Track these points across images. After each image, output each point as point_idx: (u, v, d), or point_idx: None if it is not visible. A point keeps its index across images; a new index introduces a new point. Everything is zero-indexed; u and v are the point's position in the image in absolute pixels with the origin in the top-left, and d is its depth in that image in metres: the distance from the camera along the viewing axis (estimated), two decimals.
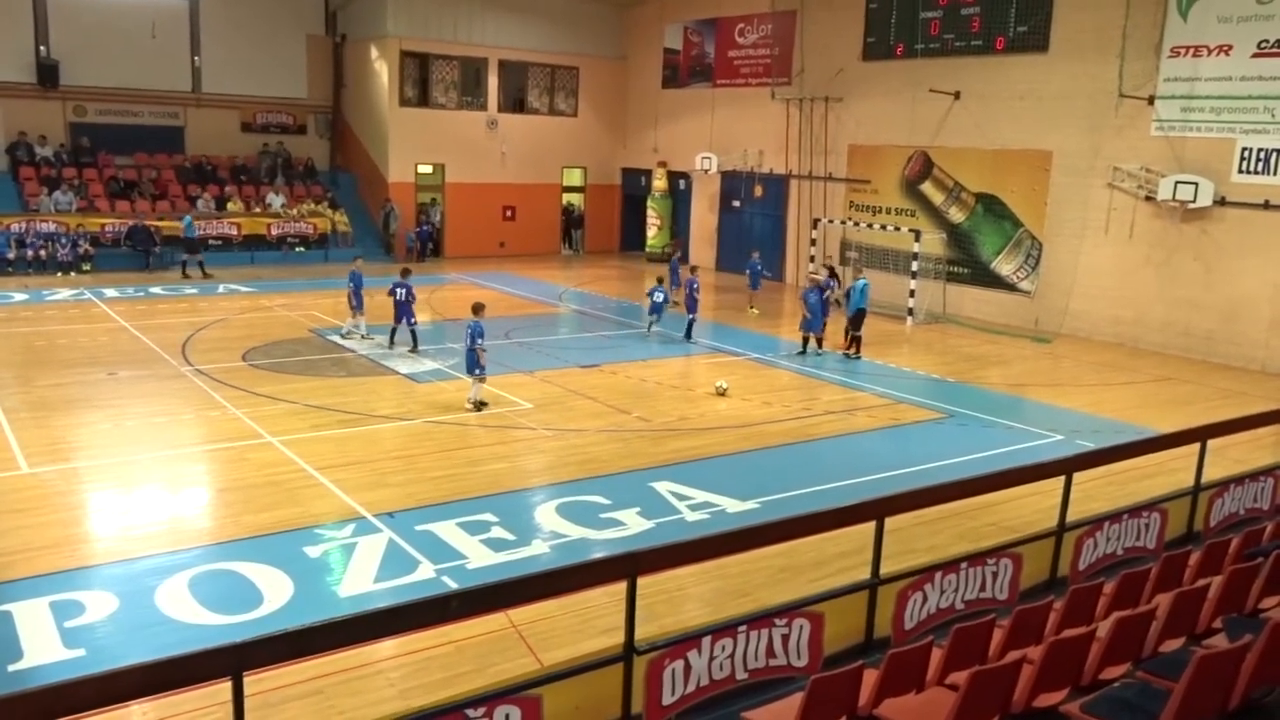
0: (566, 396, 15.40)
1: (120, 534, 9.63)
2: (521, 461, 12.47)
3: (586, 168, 35.00)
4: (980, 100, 23.96)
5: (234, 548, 9.36)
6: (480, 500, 10.76)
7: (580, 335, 20.89)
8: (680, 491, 11.26)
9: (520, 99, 33.47)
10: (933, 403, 15.92)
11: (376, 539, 9.63)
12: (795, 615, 6.25)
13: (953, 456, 12.91)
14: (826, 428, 14.30)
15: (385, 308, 18.57)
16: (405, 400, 14.86)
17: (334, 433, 13.10)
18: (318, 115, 33.20)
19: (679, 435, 13.65)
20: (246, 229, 28.90)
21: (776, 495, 11.20)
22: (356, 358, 17.50)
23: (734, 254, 29.98)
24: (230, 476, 11.32)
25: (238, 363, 16.81)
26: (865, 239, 26.31)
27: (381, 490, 10.97)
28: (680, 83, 32.63)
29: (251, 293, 23.94)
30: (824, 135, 27.88)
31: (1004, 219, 23.86)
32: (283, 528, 9.83)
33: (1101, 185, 21.76)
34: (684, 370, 18.00)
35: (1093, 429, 14.55)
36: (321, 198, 31.14)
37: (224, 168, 31.01)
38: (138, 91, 29.75)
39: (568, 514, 10.48)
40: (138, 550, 9.22)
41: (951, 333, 22.69)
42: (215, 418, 13.55)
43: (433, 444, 12.83)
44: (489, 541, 9.66)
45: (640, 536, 9.85)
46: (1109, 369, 19.16)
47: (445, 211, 31.82)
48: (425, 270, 29.30)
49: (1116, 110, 21.27)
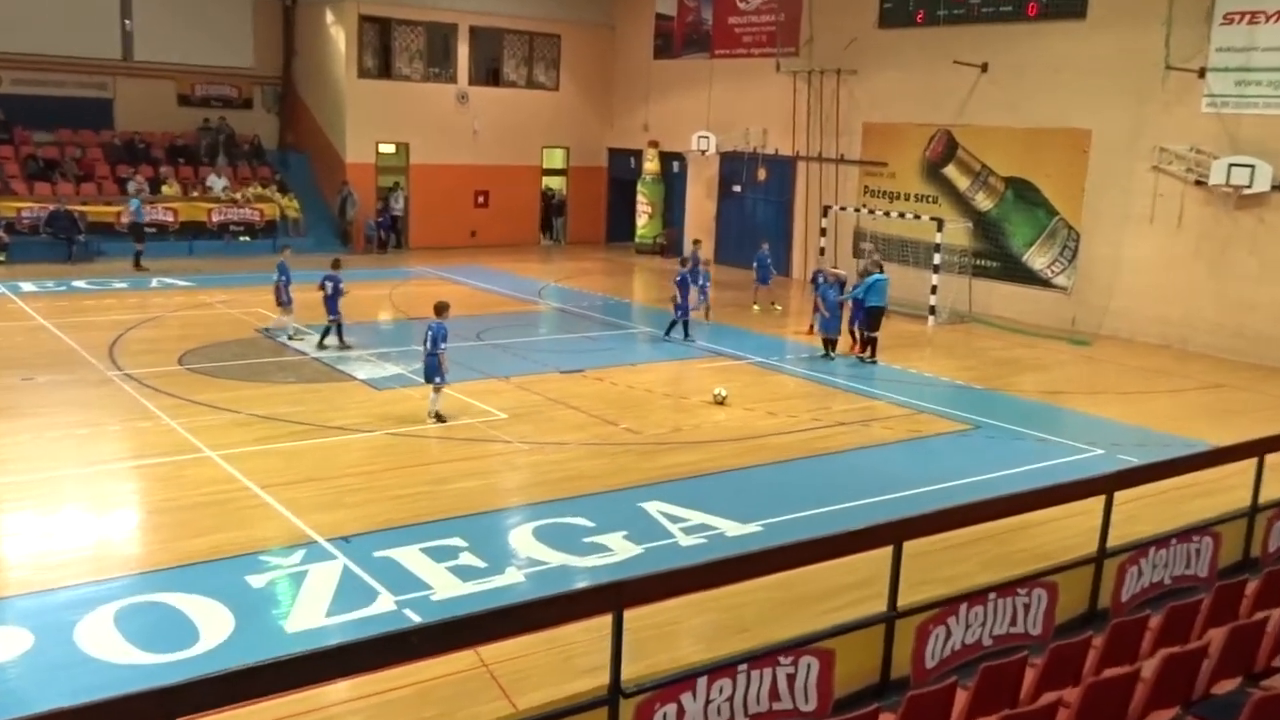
0: (545, 405, 15.36)
1: (36, 561, 9.54)
2: (494, 479, 12.42)
3: (569, 148, 35.00)
4: (1010, 73, 24.04)
5: (167, 577, 9.28)
6: (448, 523, 10.72)
7: (561, 336, 20.87)
8: (673, 513, 11.23)
9: (494, 70, 33.46)
10: (957, 412, 15.93)
11: (330, 567, 9.57)
12: (802, 653, 6.23)
13: (979, 473, 12.91)
14: (838, 441, 14.29)
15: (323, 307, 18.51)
16: (364, 409, 14.80)
17: (282, 446, 13.03)
18: (265, 87, 33.13)
19: (672, 449, 13.63)
20: (184, 215, 28.81)
21: (781, 517, 11.18)
22: (308, 361, 17.44)
23: (734, 245, 30.04)
24: (163, 496, 11.24)
25: (173, 367, 16.72)
26: (881, 228, 26.37)
27: (336, 511, 10.91)
28: (674, 53, 32.66)
29: (189, 287, 23.87)
30: (835, 112, 27.93)
31: (1037, 206, 23.94)
32: (223, 554, 9.76)
33: (1146, 168, 21.84)
34: (678, 376, 17.98)
35: (1136, 442, 14.58)
36: (269, 180, 31.08)
37: (158, 146, 30.91)
38: (60, 59, 29.63)
39: (546, 538, 10.44)
40: (56, 580, 9.14)
41: (978, 334, 22.74)
42: (147, 429, 13.47)
43: (395, 459, 12.78)
44: (457, 569, 9.61)
45: (628, 563, 9.82)
46: (1154, 374, 19.22)
47: (409, 197, 31.78)
48: (387, 263, 29.26)
49: (1163, 84, 21.36)
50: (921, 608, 6.98)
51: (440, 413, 14.23)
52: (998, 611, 7.30)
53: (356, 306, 22.50)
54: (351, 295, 18.68)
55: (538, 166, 34.51)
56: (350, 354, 17.92)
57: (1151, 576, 8.51)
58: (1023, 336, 22.38)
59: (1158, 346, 21.55)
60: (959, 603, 7.12)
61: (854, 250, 26.89)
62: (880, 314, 19.23)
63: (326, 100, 31.70)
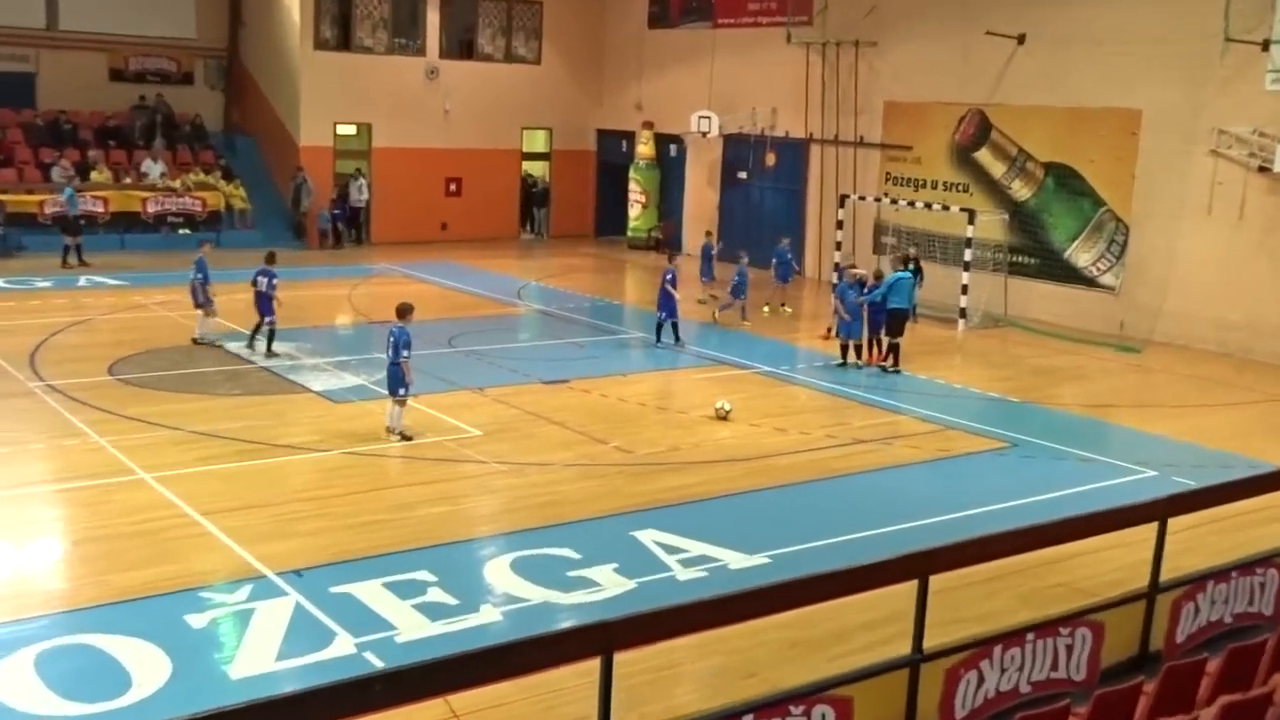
0: (526, 421, 15.35)
1: None
2: (467, 504, 12.40)
3: (552, 129, 35.04)
4: (1051, 46, 24.12)
5: (95, 616, 9.24)
6: (414, 554, 10.69)
7: (544, 343, 20.88)
8: (669, 542, 11.21)
9: (468, 42, 33.50)
10: (991, 429, 15.95)
11: (280, 604, 9.54)
12: (816, 701, 6.23)
13: (1015, 498, 12.92)
14: (855, 461, 14.30)
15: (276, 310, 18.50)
16: (319, 425, 14.78)
17: (226, 467, 13.00)
18: (208, 61, 33.14)
19: (668, 471, 13.63)
20: (116, 205, 28.79)
21: (791, 548, 11.18)
22: (256, 370, 17.43)
23: (739, 239, 29.95)
24: (91, 524, 11.20)
25: (103, 377, 16.68)
26: (905, 221, 26.42)
27: (287, 541, 10.89)
28: (671, 22, 32.74)
29: (122, 286, 23.83)
30: (853, 89, 28.00)
31: (1081, 196, 24.01)
32: (158, 590, 9.72)
33: (1203, 153, 21.92)
34: (675, 388, 17.98)
35: (1193, 462, 14.61)
36: (213, 166, 31.08)
37: (87, 127, 30.90)
38: None
39: (526, 571, 10.42)
40: None
41: (1014, 339, 22.79)
42: (73, 447, 13.43)
43: (354, 481, 12.76)
44: (425, 607, 9.60)
45: (619, 600, 9.81)
46: (1213, 385, 19.27)
47: (372, 184, 31.78)
48: (345, 260, 29.26)
49: (1221, 58, 21.44)
50: (950, 650, 6.98)
51: (404, 429, 14.22)
52: (1036, 654, 7.31)
53: (312, 310, 22.52)
54: (306, 297, 18.68)
55: (517, 150, 34.54)
56: (303, 363, 17.89)
57: (1209, 614, 8.52)
58: (1064, 342, 22.44)
59: (1217, 354, 21.61)
60: (992, 644, 7.13)
61: (874, 245, 26.93)
62: (904, 317, 19.26)
63: (278, 76, 31.71)
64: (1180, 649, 8.21)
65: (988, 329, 23.48)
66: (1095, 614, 7.72)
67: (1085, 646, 7.57)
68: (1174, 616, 8.26)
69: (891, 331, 19.18)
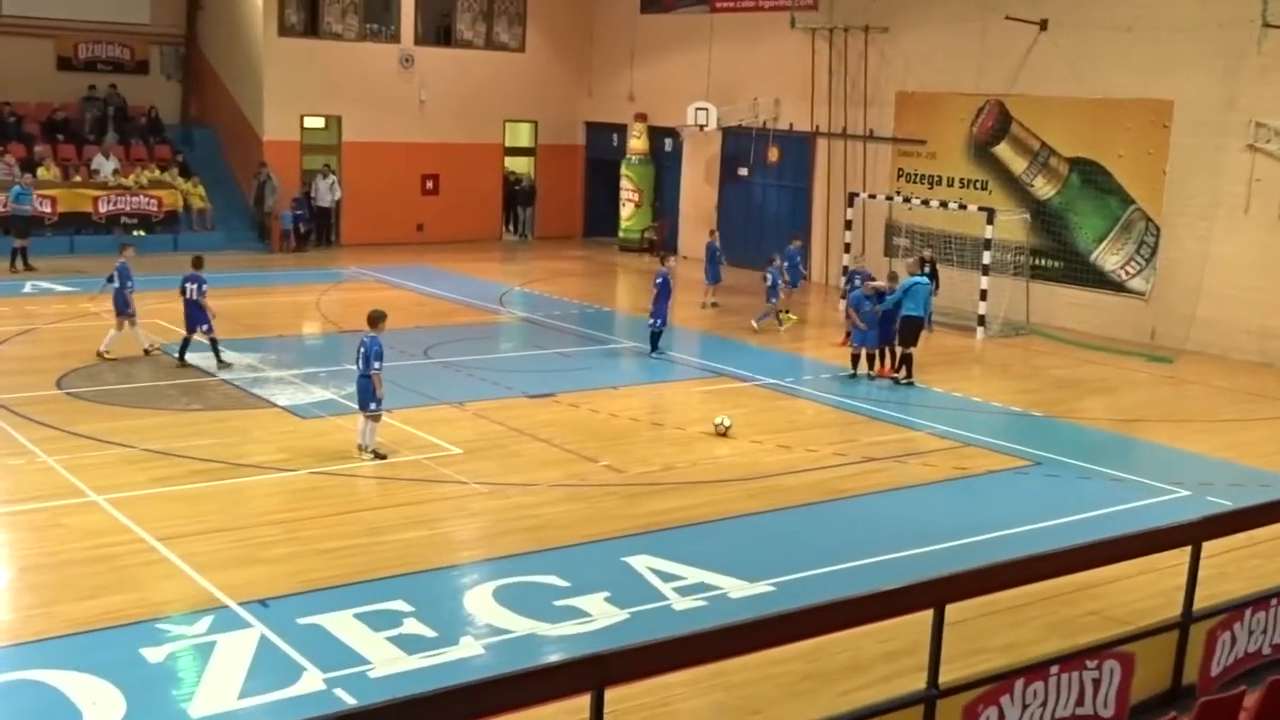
0: (509, 438, 15.36)
1: None
2: (446, 528, 12.41)
3: (537, 122, 35.10)
4: (1074, 32, 24.22)
5: (43, 650, 9.23)
6: (388, 582, 10.69)
7: (529, 353, 20.89)
8: (665, 569, 11.22)
9: (446, 27, 33.57)
10: (1012, 446, 15.98)
11: (243, 636, 9.54)
12: None
13: (1038, 520, 12.93)
14: (866, 480, 14.32)
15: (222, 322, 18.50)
16: (285, 443, 14.78)
17: (185, 488, 12.99)
18: (164, 48, 33.15)
19: (663, 492, 13.64)
20: (64, 205, 28.77)
21: (797, 574, 11.19)
22: (217, 384, 17.42)
23: (740, 241, 30.03)
24: (39, 550, 11.18)
25: (50, 390, 16.68)
26: (920, 221, 26.47)
27: (251, 568, 10.88)
28: (666, 5, 32.82)
29: (71, 292, 23.80)
30: (862, 79, 28.08)
31: (1108, 194, 24.09)
32: (112, 621, 9.72)
33: (1239, 147, 22.00)
34: (670, 401, 17.99)
35: (1230, 481, 14.65)
36: (169, 162, 31.09)
37: (33, 120, 30.89)
38: None
39: (510, 601, 10.43)
40: None
41: (1037, 349, 22.84)
42: (18, 468, 13.41)
43: (323, 503, 12.75)
44: (400, 639, 9.60)
45: (610, 631, 9.82)
46: (1251, 398, 19.33)
47: (343, 181, 31.80)
48: (312, 263, 29.25)
49: (1259, 45, 21.53)
50: (969, 684, 7.00)
51: (378, 447, 14.22)
52: (1061, 688, 7.32)
53: (276, 318, 22.55)
54: (270, 304, 18.69)
55: (499, 145, 34.60)
56: (267, 375, 17.90)
57: (1247, 645, 8.54)
58: (1091, 352, 22.49)
59: (1256, 364, 21.67)
60: (1014, 678, 7.14)
61: (885, 247, 26.97)
62: (918, 326, 19.30)
63: (240, 64, 31.73)
64: (1216, 682, 8.24)
65: (1008, 337, 23.53)
66: (1124, 645, 7.74)
67: (1114, 680, 7.58)
68: (1209, 647, 8.29)
69: (905, 341, 19.22)
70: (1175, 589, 8.45)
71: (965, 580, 7.28)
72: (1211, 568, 8.73)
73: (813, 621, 6.68)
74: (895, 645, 9.25)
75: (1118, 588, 10.69)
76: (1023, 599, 9.86)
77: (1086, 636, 8.85)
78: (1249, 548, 11.22)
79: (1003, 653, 9.29)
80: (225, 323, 18.58)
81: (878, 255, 26.39)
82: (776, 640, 6.81)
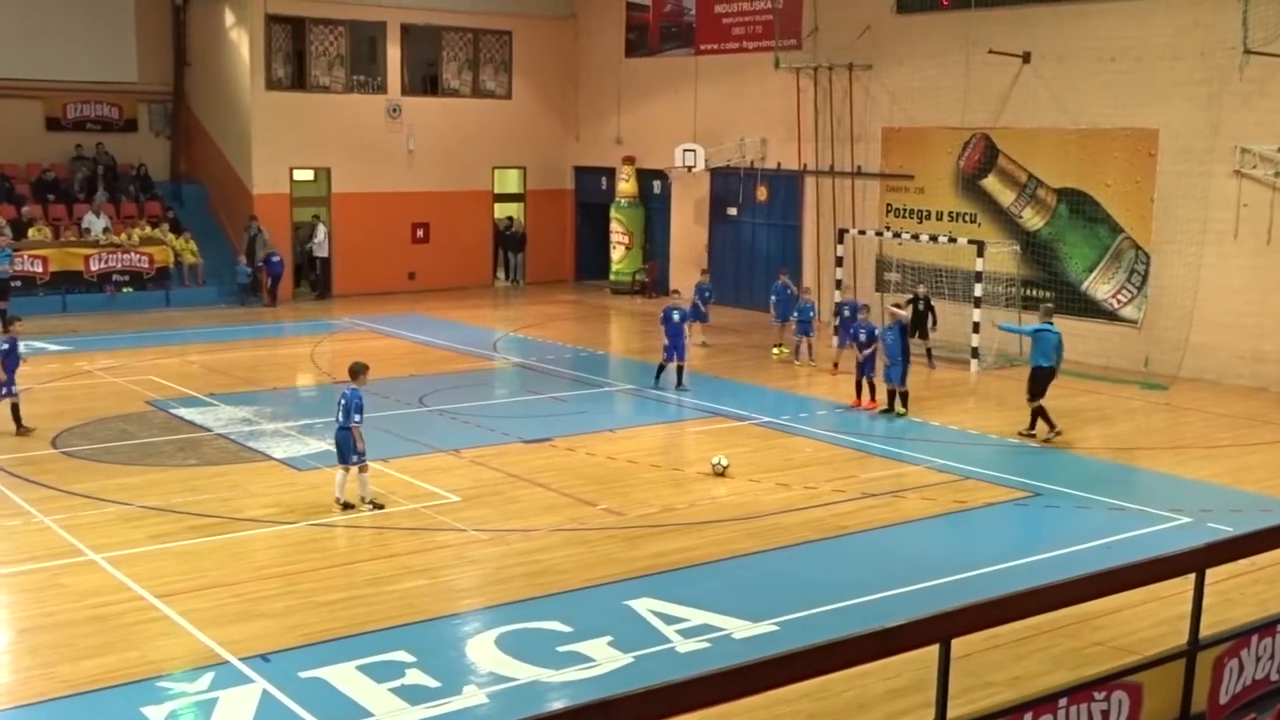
0: (507, 484, 15.35)
1: None
2: (446, 577, 12.37)
3: (526, 168, 35.27)
4: (1058, 64, 24.41)
5: (44, 712, 9.21)
6: (390, 633, 10.68)
7: (524, 399, 20.91)
8: (667, 611, 11.21)
9: (432, 77, 33.77)
10: (1010, 477, 15.99)
11: (245, 692, 9.51)
12: None
13: (1039, 552, 12.96)
14: (866, 517, 14.32)
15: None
16: (282, 495, 14.77)
17: (183, 544, 12.96)
18: (153, 106, 33.31)
19: (663, 534, 13.63)
20: (56, 264, 28.81)
21: (799, 613, 11.19)
22: (212, 438, 17.41)
23: (731, 281, 30.18)
24: (38, 611, 11.15)
25: (45, 450, 16.66)
26: (910, 255, 26.58)
27: (251, 623, 10.86)
28: (650, 49, 33.06)
29: (64, 351, 23.81)
30: (848, 116, 28.26)
31: (1097, 223, 24.20)
32: (112, 680, 9.68)
33: (1226, 173, 22.15)
34: (667, 442, 17.99)
35: (1230, 506, 14.66)
36: (160, 219, 31.18)
37: (22, 180, 31.00)
38: None
39: (512, 648, 10.41)
40: None
41: None
42: (15, 529, 13.38)
43: (322, 556, 12.74)
44: (403, 690, 9.58)
45: (614, 676, 9.81)
46: (1248, 423, 19.36)
47: (333, 232, 31.89)
48: (306, 315, 29.28)
49: (1241, 71, 21.71)
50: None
51: (374, 497, 14.18)
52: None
53: (270, 370, 22.56)
54: (264, 356, 18.68)
55: (489, 191, 34.73)
56: (262, 428, 17.89)
57: (1255, 672, 8.52)
58: (1085, 381, 22.50)
59: (1251, 389, 21.71)
60: (1022, 711, 7.11)
61: (877, 282, 27.06)
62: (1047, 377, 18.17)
63: (228, 119, 31.89)
64: (1225, 710, 8.21)
65: (1002, 369, 23.57)
66: (1132, 675, 7.72)
67: (1123, 711, 7.56)
68: (1217, 675, 8.26)
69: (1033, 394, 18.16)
70: (1179, 617, 8.44)
71: (969, 614, 7.25)
72: (1216, 595, 8.72)
73: (818, 660, 6.65)
74: (900, 682, 9.22)
75: (1122, 617, 10.68)
76: (1027, 631, 9.84)
77: (1093, 668, 8.83)
78: (1252, 573, 11.23)
79: (1009, 686, 9.27)
80: (219, 377, 18.58)
81: (869, 290, 26.50)
82: (782, 681, 6.77)
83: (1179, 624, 8.44)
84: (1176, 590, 8.50)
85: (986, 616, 7.47)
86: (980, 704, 7.35)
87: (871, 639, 6.80)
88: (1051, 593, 7.85)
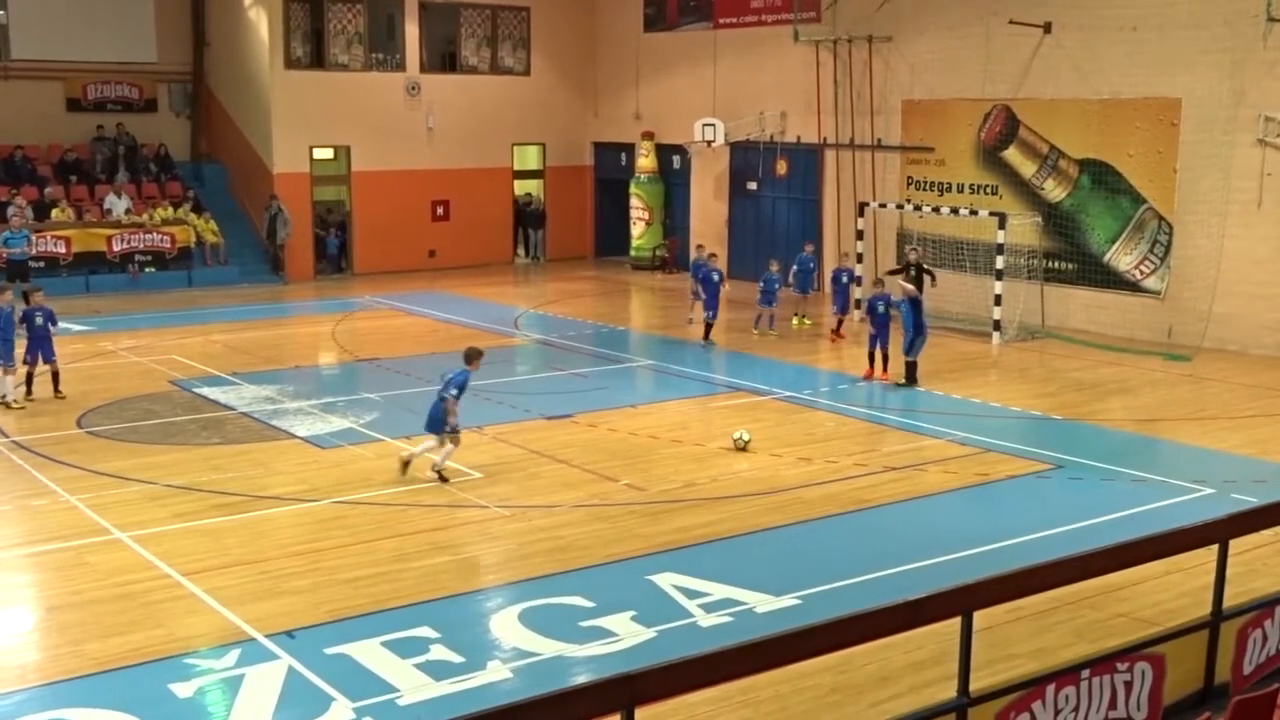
0: (529, 460, 15.38)
1: None
2: (469, 553, 12.41)
3: (545, 145, 35.19)
4: (1079, 33, 24.21)
5: (72, 689, 9.27)
6: (414, 609, 10.72)
7: (545, 375, 20.91)
8: (690, 586, 11.22)
9: (451, 54, 33.70)
10: (1032, 450, 15.94)
11: (271, 669, 9.56)
12: None
13: (1062, 524, 12.89)
14: (888, 490, 14.30)
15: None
16: (306, 473, 14.82)
17: (208, 522, 13.02)
18: (173, 86, 33.34)
19: (685, 509, 13.64)
20: (78, 245, 28.90)
21: (821, 587, 11.18)
22: (236, 417, 17.48)
23: (750, 255, 30.09)
24: (65, 589, 11.22)
25: (71, 430, 16.74)
26: (931, 228, 26.48)
27: (276, 600, 10.91)
28: (669, 23, 32.92)
29: (87, 332, 23.90)
30: (868, 89, 28.11)
31: (1119, 194, 24.05)
32: (140, 658, 9.75)
33: (1249, 142, 21.97)
34: (688, 418, 17.99)
35: (1254, 477, 14.58)
36: (181, 199, 31.22)
37: (44, 161, 31.07)
38: None
39: (535, 623, 10.44)
40: None
41: (1054, 351, 22.79)
42: (42, 508, 13.46)
43: (346, 533, 12.77)
44: (427, 666, 9.62)
45: (637, 651, 9.82)
46: (1272, 394, 19.24)
47: (352, 211, 31.93)
48: (327, 293, 29.34)
49: (1265, 39, 21.51)
50: (1000, 691, 6.98)
51: (443, 470, 14.35)
52: (1093, 693, 7.30)
53: (292, 348, 22.63)
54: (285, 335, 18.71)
55: (508, 168, 34.68)
56: (285, 406, 17.95)
57: (1279, 642, 8.50)
58: (1108, 353, 22.43)
59: (1276, 359, 21.57)
60: (1045, 683, 7.12)
61: (897, 255, 26.95)
62: None
63: (248, 99, 31.91)
64: (1249, 680, 8.20)
65: (1024, 341, 23.48)
66: (1155, 646, 7.72)
67: (1146, 682, 7.56)
68: (1240, 645, 8.25)
69: None
70: (1203, 588, 8.42)
71: (991, 587, 7.27)
72: (1239, 565, 8.71)
73: (840, 634, 6.67)
74: (923, 655, 9.23)
75: (1145, 589, 10.65)
76: (1050, 603, 9.83)
77: (1116, 639, 8.83)
78: (1277, 544, 11.18)
79: (1032, 658, 9.27)
80: (242, 356, 18.62)
81: (890, 263, 26.34)
82: (803, 654, 6.80)
83: (1202, 595, 8.44)
84: (1200, 561, 8.50)
85: (1008, 589, 7.48)
86: (1003, 676, 7.35)
87: (894, 612, 6.82)
88: (1074, 564, 7.85)
